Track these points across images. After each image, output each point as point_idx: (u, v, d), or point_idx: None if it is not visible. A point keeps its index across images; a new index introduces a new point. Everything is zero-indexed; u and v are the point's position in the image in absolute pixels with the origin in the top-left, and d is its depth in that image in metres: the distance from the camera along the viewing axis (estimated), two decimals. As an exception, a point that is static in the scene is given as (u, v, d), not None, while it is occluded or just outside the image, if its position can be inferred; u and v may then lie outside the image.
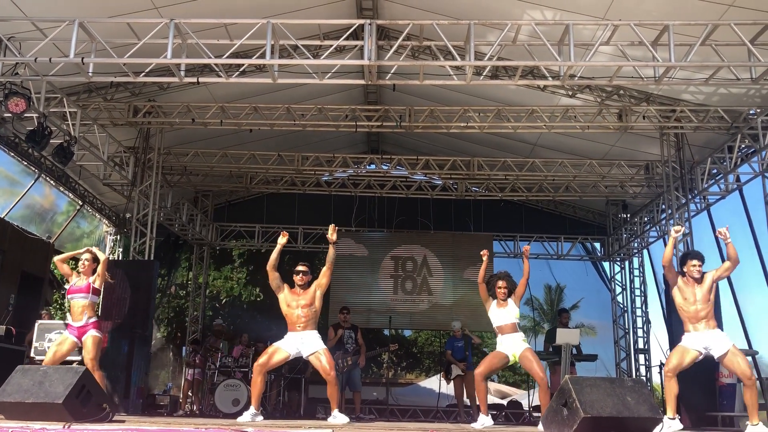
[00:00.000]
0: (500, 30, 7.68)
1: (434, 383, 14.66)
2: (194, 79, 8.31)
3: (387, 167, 13.65)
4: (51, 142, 9.04)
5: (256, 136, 11.94)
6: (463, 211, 15.13)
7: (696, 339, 5.98)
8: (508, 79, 9.68)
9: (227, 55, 7.77)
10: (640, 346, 14.64)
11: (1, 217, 11.30)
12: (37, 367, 5.41)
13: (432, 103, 11.15)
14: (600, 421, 4.56)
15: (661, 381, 11.54)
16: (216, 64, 7.89)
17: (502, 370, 21.49)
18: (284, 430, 4.86)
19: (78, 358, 7.22)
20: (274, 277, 6.62)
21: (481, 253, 6.89)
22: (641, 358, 14.62)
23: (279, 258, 6.59)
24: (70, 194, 12.70)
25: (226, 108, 10.65)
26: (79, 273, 6.75)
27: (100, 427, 4.68)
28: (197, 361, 11.56)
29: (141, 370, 10.18)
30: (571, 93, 10.33)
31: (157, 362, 17.75)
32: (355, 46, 8.02)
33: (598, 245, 16.04)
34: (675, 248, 6.17)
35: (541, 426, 5.49)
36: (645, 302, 14.94)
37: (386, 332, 15.79)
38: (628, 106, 10.25)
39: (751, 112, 9.77)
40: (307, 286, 6.66)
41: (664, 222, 12.48)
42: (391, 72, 8.38)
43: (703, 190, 11.11)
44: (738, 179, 10.80)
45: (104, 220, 14.19)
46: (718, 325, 6.04)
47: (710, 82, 8.22)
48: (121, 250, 14.06)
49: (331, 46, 8.00)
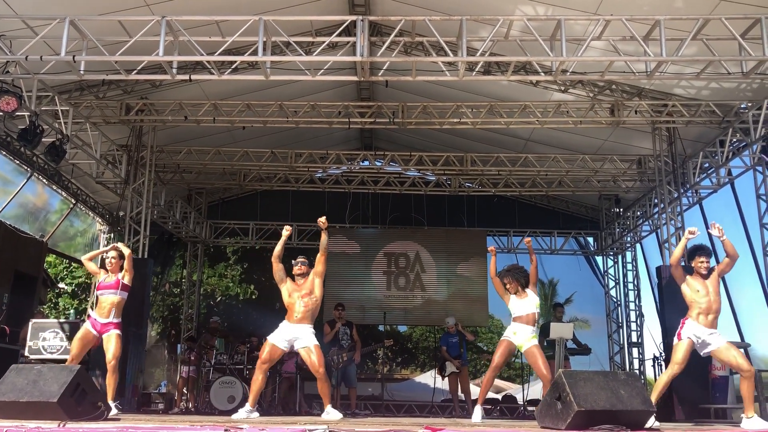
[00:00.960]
0: (492, 26, 7.70)
1: (429, 378, 14.70)
2: (186, 77, 8.29)
3: (380, 164, 13.64)
4: (43, 140, 9.02)
5: (249, 133, 11.93)
6: (457, 207, 15.15)
7: (695, 329, 6.00)
8: (500, 75, 9.66)
9: (219, 52, 7.76)
10: (634, 339, 14.73)
11: (-6, 216, 11.26)
12: (32, 366, 5.41)
13: (425, 99, 11.16)
14: (593, 415, 4.60)
15: (655, 374, 11.63)
16: (208, 62, 7.89)
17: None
18: (279, 426, 4.87)
19: (65, 357, 7.29)
20: (278, 269, 6.71)
21: (489, 249, 7.28)
22: (635, 351, 14.71)
23: (283, 249, 6.73)
24: (63, 193, 12.64)
25: (219, 105, 10.63)
26: (107, 270, 6.95)
27: (95, 425, 4.68)
28: (192, 359, 11.55)
29: (136, 368, 10.18)
30: (563, 88, 10.37)
31: (151, 360, 17.70)
32: (348, 42, 8.04)
33: (591, 240, 16.10)
34: (684, 249, 6.18)
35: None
36: (638, 296, 15.00)
37: (381, 328, 15.81)
38: (620, 101, 10.29)
39: (743, 106, 9.82)
40: (305, 276, 6.75)
41: (656, 216, 12.54)
42: (384, 68, 8.38)
43: (695, 184, 11.16)
44: (730, 173, 10.86)
45: (97, 219, 14.14)
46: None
47: (701, 77, 8.26)
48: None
49: (324, 42, 8.00)
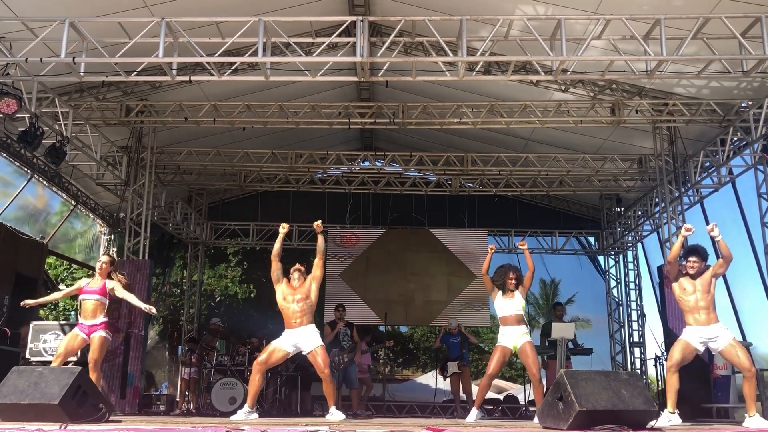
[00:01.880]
0: (492, 25, 7.69)
1: (431, 379, 14.69)
2: (186, 78, 8.27)
3: (381, 164, 13.63)
4: (43, 142, 9.03)
5: (249, 134, 11.92)
6: (458, 207, 15.13)
7: (696, 332, 5.99)
8: (500, 75, 9.64)
9: (219, 53, 7.76)
10: (635, 339, 14.71)
11: (-5, 218, 11.26)
12: (33, 368, 5.41)
13: (425, 99, 11.15)
14: (595, 415, 4.59)
15: (657, 374, 11.63)
16: (208, 63, 7.88)
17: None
18: (281, 427, 4.87)
19: (74, 359, 7.29)
20: (276, 267, 6.75)
21: (489, 247, 7.18)
22: (636, 351, 14.68)
23: (282, 248, 6.80)
24: (64, 194, 12.65)
25: (219, 106, 10.62)
26: (94, 275, 7.00)
27: (96, 427, 4.68)
28: (194, 360, 11.54)
29: (137, 369, 10.18)
30: (563, 88, 10.36)
31: (152, 361, 17.68)
32: (348, 42, 8.03)
33: (592, 239, 16.08)
34: (682, 246, 6.19)
35: (537, 419, 5.52)
36: (640, 295, 14.98)
37: (382, 329, 15.79)
38: (621, 100, 10.28)
39: (743, 105, 9.80)
40: (302, 280, 6.78)
41: (657, 215, 12.52)
42: (384, 68, 8.37)
43: (696, 183, 11.15)
44: (731, 172, 10.85)
45: (98, 220, 14.15)
46: (718, 319, 6.04)
47: (702, 76, 8.24)
48: (115, 249, 14.00)
49: (324, 43, 7.99)
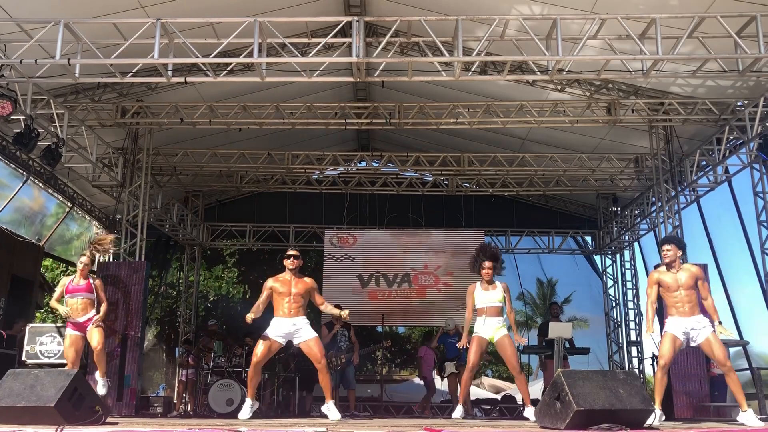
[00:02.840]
0: (488, 25, 7.69)
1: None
2: (182, 79, 8.25)
3: (377, 164, 13.62)
4: (39, 144, 8.98)
5: (245, 135, 11.90)
6: (455, 207, 15.14)
7: (680, 323, 5.98)
8: (496, 75, 9.64)
9: (215, 54, 7.73)
10: (633, 338, 14.71)
11: (-10, 220, 11.24)
12: (29, 371, 5.37)
13: (421, 99, 11.14)
14: (593, 414, 4.58)
15: (654, 373, 11.63)
16: (204, 64, 7.85)
17: (496, 364, 21.34)
18: (278, 428, 4.85)
19: (62, 361, 7.51)
20: (263, 309, 6.48)
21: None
22: (633, 350, 14.70)
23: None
24: (60, 196, 12.62)
25: (215, 107, 10.60)
26: (73, 273, 7.14)
27: (93, 429, 4.66)
28: (190, 362, 11.52)
29: (133, 371, 10.15)
30: (559, 87, 10.36)
31: (149, 363, 17.67)
32: (343, 43, 8.00)
33: (589, 239, 16.09)
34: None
35: (532, 417, 5.50)
36: (636, 295, 14.97)
37: (379, 329, 15.78)
38: (617, 100, 10.29)
39: (739, 104, 9.82)
40: (298, 273, 6.58)
41: (654, 214, 12.54)
42: (380, 69, 8.37)
43: (693, 182, 11.17)
44: (727, 171, 10.88)
45: (94, 222, 14.12)
46: (701, 311, 6.02)
47: (698, 75, 8.26)
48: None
49: (319, 43, 7.97)
